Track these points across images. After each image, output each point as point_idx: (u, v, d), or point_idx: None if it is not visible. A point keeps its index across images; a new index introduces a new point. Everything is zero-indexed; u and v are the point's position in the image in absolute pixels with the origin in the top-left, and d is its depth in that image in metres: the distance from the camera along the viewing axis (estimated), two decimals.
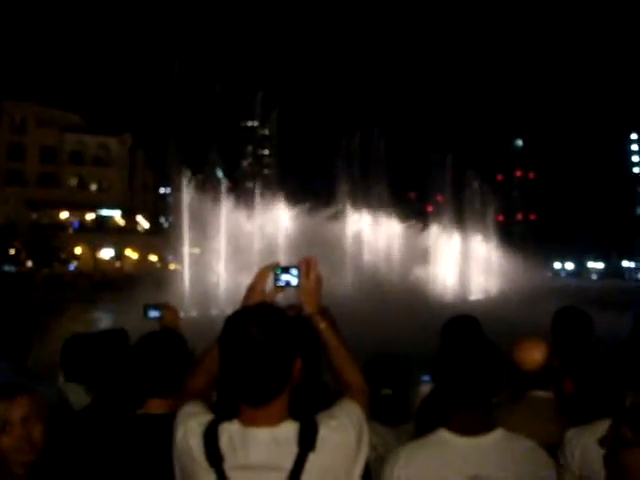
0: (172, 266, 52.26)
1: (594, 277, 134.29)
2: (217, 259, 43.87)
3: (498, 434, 2.65)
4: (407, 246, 56.31)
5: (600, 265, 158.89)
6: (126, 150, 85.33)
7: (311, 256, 2.91)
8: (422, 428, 2.91)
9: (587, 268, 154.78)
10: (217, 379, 2.66)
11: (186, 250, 46.21)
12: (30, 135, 78.67)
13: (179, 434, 2.42)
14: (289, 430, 2.32)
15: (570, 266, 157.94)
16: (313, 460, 2.27)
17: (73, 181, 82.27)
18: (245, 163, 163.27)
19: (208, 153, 56.00)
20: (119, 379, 3.25)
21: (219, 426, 2.34)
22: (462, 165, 71.36)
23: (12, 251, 65.54)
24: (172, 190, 55.26)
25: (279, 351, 2.32)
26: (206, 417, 2.41)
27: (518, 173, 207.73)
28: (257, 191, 53.82)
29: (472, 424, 2.63)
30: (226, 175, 64.34)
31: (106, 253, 76.59)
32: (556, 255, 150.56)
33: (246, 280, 2.93)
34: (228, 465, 2.27)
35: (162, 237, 51.74)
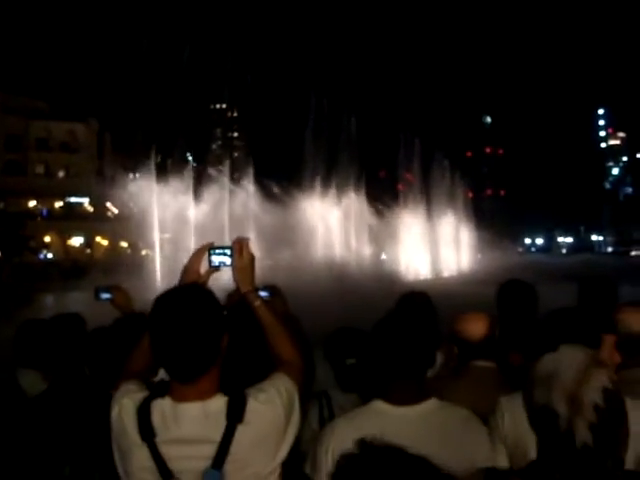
0: (143, 252, 52.00)
1: (564, 251, 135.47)
2: (188, 243, 43.66)
3: (431, 403, 2.76)
4: (377, 225, 56.45)
5: (569, 239, 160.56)
6: (93, 135, 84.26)
7: (244, 236, 3.01)
8: (366, 398, 3.00)
9: (557, 243, 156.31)
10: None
11: (156, 235, 45.99)
12: None
13: (114, 412, 2.51)
14: (218, 404, 2.41)
15: (540, 241, 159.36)
16: (242, 432, 2.37)
17: (40, 168, 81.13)
18: (215, 146, 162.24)
19: (177, 137, 55.62)
20: (77, 364, 3.27)
21: (152, 402, 2.43)
22: (431, 143, 71.67)
23: None
24: (142, 175, 54.80)
25: (205, 329, 2.41)
26: (140, 395, 2.50)
27: (487, 149, 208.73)
28: (227, 174, 53.61)
29: (406, 394, 2.72)
30: (196, 159, 64.10)
31: (76, 241, 75.91)
32: (526, 230, 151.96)
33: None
34: (160, 439, 2.36)
35: (132, 223, 51.28)
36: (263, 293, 3.84)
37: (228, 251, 2.94)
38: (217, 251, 2.95)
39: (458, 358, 3.71)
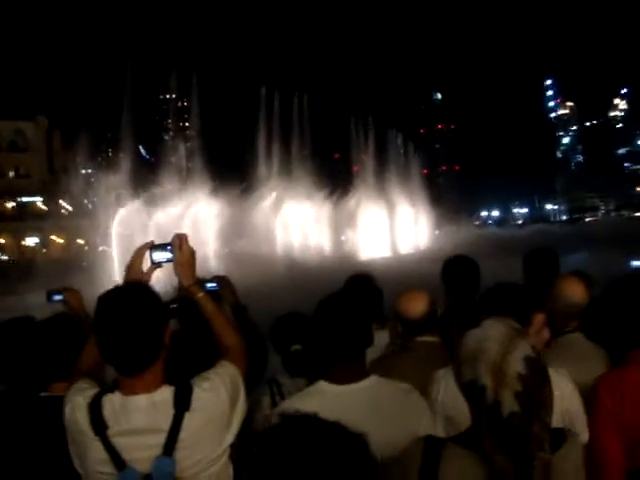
0: (100, 248, 51.42)
1: (520, 222, 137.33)
2: (145, 237, 43.30)
3: (371, 380, 2.87)
4: (334, 209, 56.59)
5: (525, 210, 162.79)
6: (42, 133, 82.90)
7: (182, 232, 3.10)
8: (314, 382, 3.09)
9: (512, 214, 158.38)
10: None
11: (113, 231, 45.56)
12: None
13: (67, 410, 2.61)
14: (165, 394, 2.54)
15: (496, 214, 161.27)
16: (189, 419, 2.50)
17: None
18: (167, 137, 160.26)
19: (128, 130, 54.93)
20: (22, 366, 3.29)
21: (102, 398, 2.54)
22: (384, 122, 71.87)
23: None
24: (94, 171, 54.17)
25: (147, 324, 2.51)
26: (91, 391, 2.60)
27: (440, 126, 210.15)
28: (182, 166, 53.28)
29: (346, 373, 2.83)
30: (148, 150, 63.47)
31: (31, 241, 74.72)
32: (482, 204, 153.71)
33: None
34: (112, 432, 2.47)
35: (88, 220, 50.60)
36: (211, 284, 3.95)
37: (169, 247, 3.03)
38: (158, 248, 3.04)
39: (402, 336, 3.82)
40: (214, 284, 4.05)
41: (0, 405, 3.14)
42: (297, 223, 53.96)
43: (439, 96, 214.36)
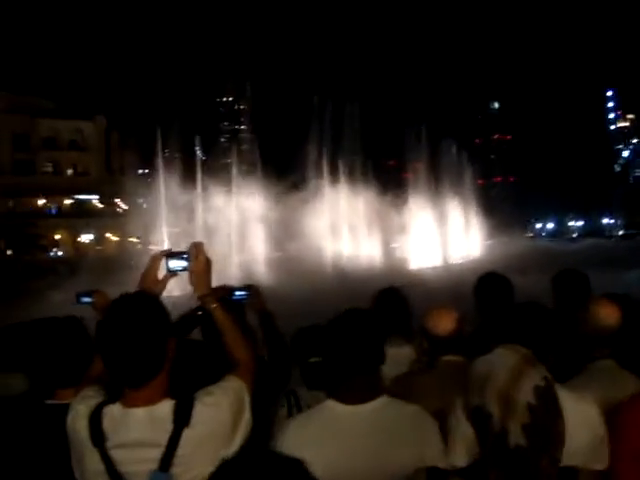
0: (152, 247, 52.06)
1: (574, 235, 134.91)
2: (196, 237, 43.69)
3: (381, 401, 2.78)
4: (387, 214, 56.36)
5: (580, 223, 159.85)
6: (101, 133, 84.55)
7: (199, 241, 3.07)
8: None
9: (567, 227, 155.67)
10: None
11: (164, 230, 46.12)
12: (2, 123, 77.64)
13: (69, 418, 2.60)
14: (165, 408, 2.50)
15: (551, 226, 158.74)
16: (188, 435, 2.45)
17: (48, 167, 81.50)
18: (222, 139, 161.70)
19: (184, 131, 55.68)
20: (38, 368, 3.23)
21: (103, 408, 2.52)
22: (439, 131, 71.35)
23: None
24: (150, 171, 54.97)
25: (150, 336, 2.48)
26: (95, 400, 2.58)
27: (495, 136, 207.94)
28: (235, 168, 53.68)
29: (355, 393, 2.75)
30: (204, 152, 64.17)
31: (86, 237, 76.25)
32: (537, 215, 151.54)
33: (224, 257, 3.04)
34: (110, 444, 2.45)
35: (142, 218, 51.27)
36: (240, 293, 3.91)
37: (185, 256, 3.00)
38: (174, 256, 3.02)
39: (428, 353, 3.72)
40: (243, 292, 4.01)
41: (6, 413, 3.09)
42: (348, 229, 53.88)
43: (496, 105, 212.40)
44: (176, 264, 3.00)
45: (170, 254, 3.02)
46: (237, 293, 3.93)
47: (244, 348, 2.91)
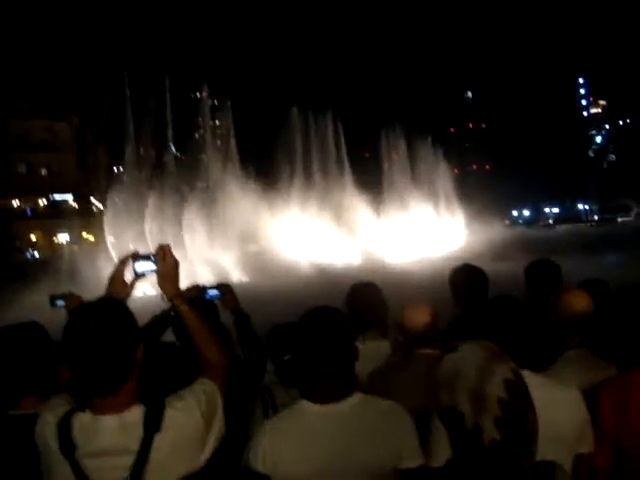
0: (130, 245, 51.65)
1: (550, 222, 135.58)
2: (176, 236, 43.49)
3: (354, 399, 2.79)
4: (362, 207, 56.31)
5: (556, 210, 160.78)
6: (74, 132, 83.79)
7: (165, 242, 3.06)
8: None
9: (543, 213, 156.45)
10: None
11: (146, 228, 45.86)
12: None
13: (37, 428, 2.55)
14: (135, 414, 2.47)
15: (527, 213, 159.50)
16: (159, 440, 2.43)
17: (22, 167, 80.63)
18: (197, 135, 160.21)
19: (158, 127, 55.37)
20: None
21: (72, 417, 2.48)
22: (414, 121, 71.39)
23: None
24: (125, 169, 54.64)
25: (118, 343, 2.44)
26: (63, 409, 2.54)
27: (470, 124, 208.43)
28: (211, 163, 53.44)
29: (328, 392, 2.76)
30: (178, 148, 63.84)
31: (62, 238, 75.57)
32: (513, 203, 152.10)
33: (211, 254, 3.03)
34: (80, 453, 2.41)
35: (117, 217, 50.77)
36: (213, 292, 3.92)
37: (152, 258, 3.00)
38: (141, 259, 3.01)
39: (404, 347, 3.76)
40: (216, 292, 4.04)
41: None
42: (325, 222, 53.75)
43: (470, 94, 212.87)
44: (143, 267, 2.99)
45: (137, 256, 3.00)
46: (210, 292, 3.96)
47: (215, 348, 2.87)
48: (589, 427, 2.81)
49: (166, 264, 2.96)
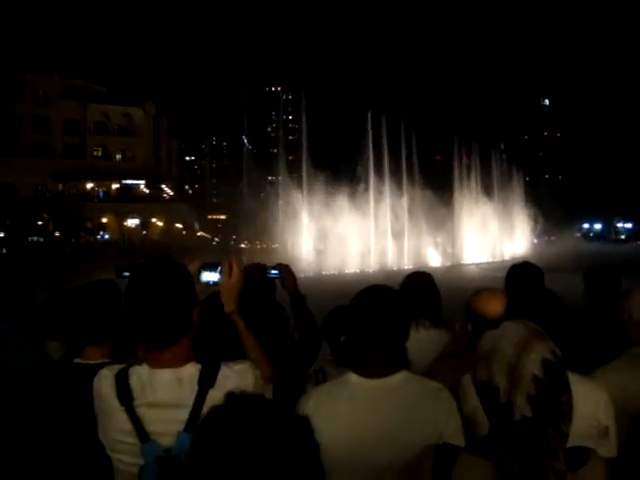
0: (199, 232, 52.61)
1: (623, 237, 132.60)
2: (242, 225, 44.06)
3: (401, 375, 2.79)
4: (434, 210, 55.97)
5: (629, 225, 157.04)
6: (150, 119, 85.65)
7: (235, 257, 3.18)
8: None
9: (615, 228, 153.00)
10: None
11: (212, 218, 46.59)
12: (54, 107, 79.10)
13: (96, 379, 2.58)
14: (191, 370, 2.50)
15: (598, 226, 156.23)
16: (213, 396, 2.41)
17: (98, 151, 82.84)
18: (269, 128, 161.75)
19: (233, 119, 56.16)
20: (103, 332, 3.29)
21: (130, 369, 2.53)
22: (489, 128, 70.55)
23: (40, 222, 66.43)
24: (197, 158, 55.58)
25: (177, 298, 2.48)
26: (120, 366, 2.58)
27: (545, 133, 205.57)
28: (281, 157, 53.78)
29: (376, 367, 2.78)
30: (251, 141, 64.67)
31: (132, 222, 77.34)
32: (584, 215, 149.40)
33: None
34: (137, 403, 2.45)
35: (187, 204, 51.82)
36: (274, 271, 4.00)
37: (218, 269, 3.11)
38: (208, 267, 3.13)
39: (472, 335, 3.63)
40: (276, 271, 4.06)
41: (35, 373, 3.16)
42: (393, 224, 53.62)
43: (547, 102, 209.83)
44: (209, 277, 3.10)
45: (205, 265, 3.11)
46: (272, 272, 4.00)
47: (266, 364, 2.93)
48: (608, 434, 2.68)
49: (230, 279, 3.08)
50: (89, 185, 80.00)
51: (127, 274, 3.92)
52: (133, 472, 2.42)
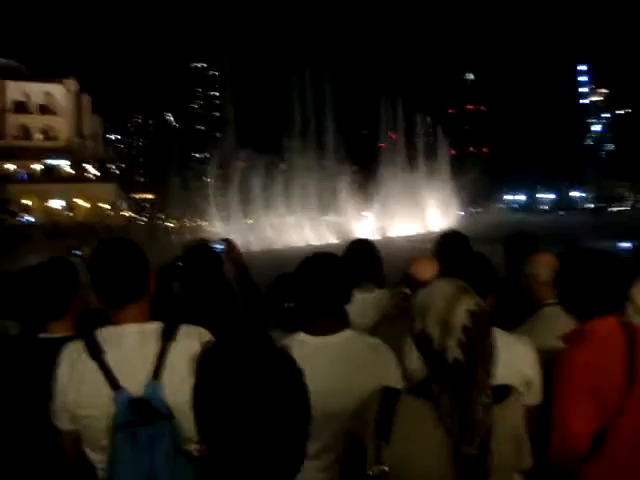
0: (126, 213, 51.85)
1: (546, 208, 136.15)
2: (170, 203, 43.62)
3: (345, 333, 3.08)
4: (359, 183, 56.42)
5: (551, 196, 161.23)
6: (72, 96, 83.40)
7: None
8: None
9: (538, 200, 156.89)
10: None
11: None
12: None
13: (63, 348, 2.75)
14: (153, 326, 2.74)
15: (522, 198, 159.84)
16: (175, 348, 2.67)
17: (18, 131, 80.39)
18: (195, 105, 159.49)
19: (158, 97, 55.29)
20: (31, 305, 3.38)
21: (95, 332, 2.73)
22: (413, 101, 71.25)
23: None
24: (122, 136, 54.58)
25: (134, 261, 2.76)
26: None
27: (469, 107, 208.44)
28: (207, 134, 53.30)
29: (322, 326, 3.05)
30: (176, 118, 63.73)
31: (57, 203, 75.50)
32: (508, 187, 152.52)
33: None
34: (106, 357, 2.64)
35: (113, 184, 50.81)
36: (219, 246, 4.36)
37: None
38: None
39: (409, 299, 3.91)
40: (221, 246, 4.40)
41: (1, 348, 3.27)
42: (320, 199, 53.83)
43: (471, 76, 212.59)
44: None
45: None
46: (217, 246, 4.34)
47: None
48: (534, 384, 3.13)
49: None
50: (10, 166, 77.66)
51: (78, 252, 4.10)
52: (102, 426, 2.57)
